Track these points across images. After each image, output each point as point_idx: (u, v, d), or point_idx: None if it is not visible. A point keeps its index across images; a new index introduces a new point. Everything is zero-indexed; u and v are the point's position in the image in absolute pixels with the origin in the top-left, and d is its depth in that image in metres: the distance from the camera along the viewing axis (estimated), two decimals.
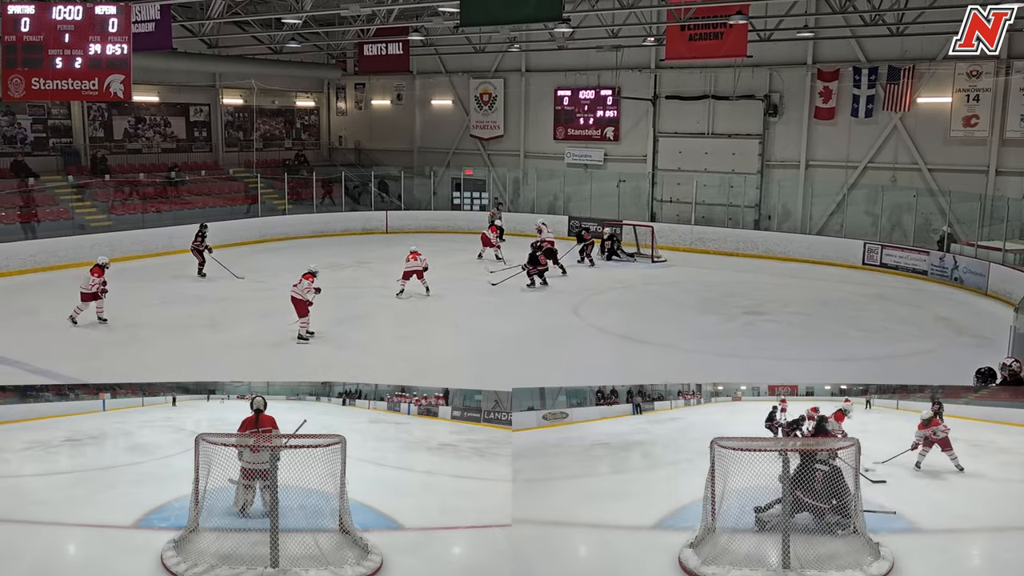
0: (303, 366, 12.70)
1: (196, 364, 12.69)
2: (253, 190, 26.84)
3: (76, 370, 12.27)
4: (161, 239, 22.73)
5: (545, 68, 27.61)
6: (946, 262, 19.65)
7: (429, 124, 30.88)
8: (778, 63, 23.49)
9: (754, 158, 24.39)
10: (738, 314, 16.18)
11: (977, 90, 20.76)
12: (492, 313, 16.22)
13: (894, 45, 21.65)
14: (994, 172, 20.96)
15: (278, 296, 17.59)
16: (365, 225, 27.09)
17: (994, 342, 13.03)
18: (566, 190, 27.43)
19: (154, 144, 27.72)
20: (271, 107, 31.03)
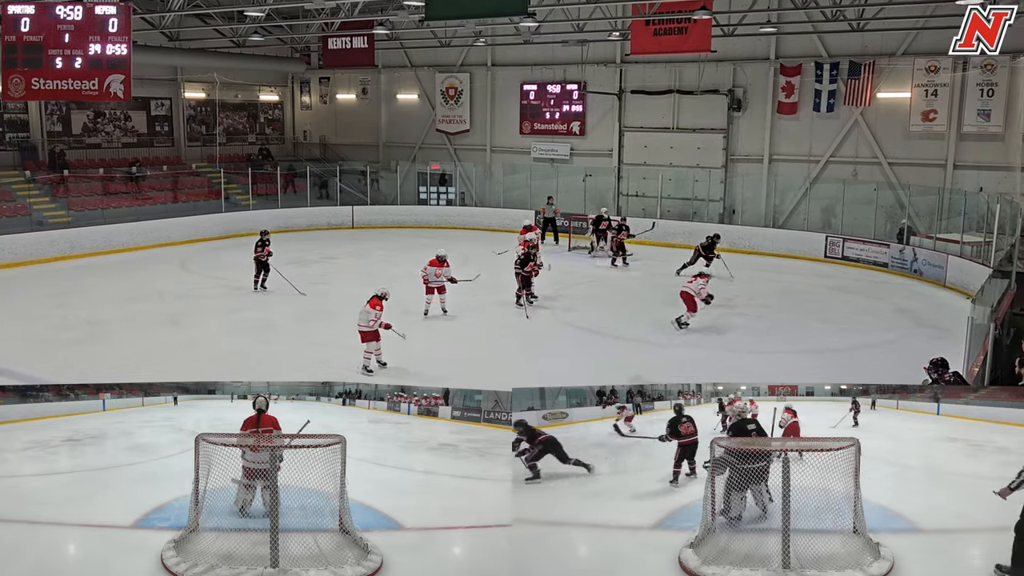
0: (266, 364, 12.57)
1: (158, 362, 12.52)
2: (217, 185, 26.50)
3: (36, 370, 12.04)
4: (122, 235, 22.38)
5: (511, 63, 27.59)
6: (906, 254, 19.99)
7: (395, 119, 30.71)
8: (741, 58, 23.71)
9: (718, 152, 24.60)
10: (707, 308, 16.28)
11: (935, 85, 21.13)
12: (461, 309, 16.17)
13: (855, 40, 21.96)
14: (952, 166, 21.37)
15: (241, 293, 17.48)
16: (331, 220, 26.89)
17: (952, 333, 13.30)
18: (532, 184, 27.43)
19: (114, 139, 27.26)
20: (234, 101, 30.65)
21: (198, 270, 19.91)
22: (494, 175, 28.28)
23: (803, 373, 12.14)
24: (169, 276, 18.99)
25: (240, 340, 13.84)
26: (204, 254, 21.97)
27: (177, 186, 26.82)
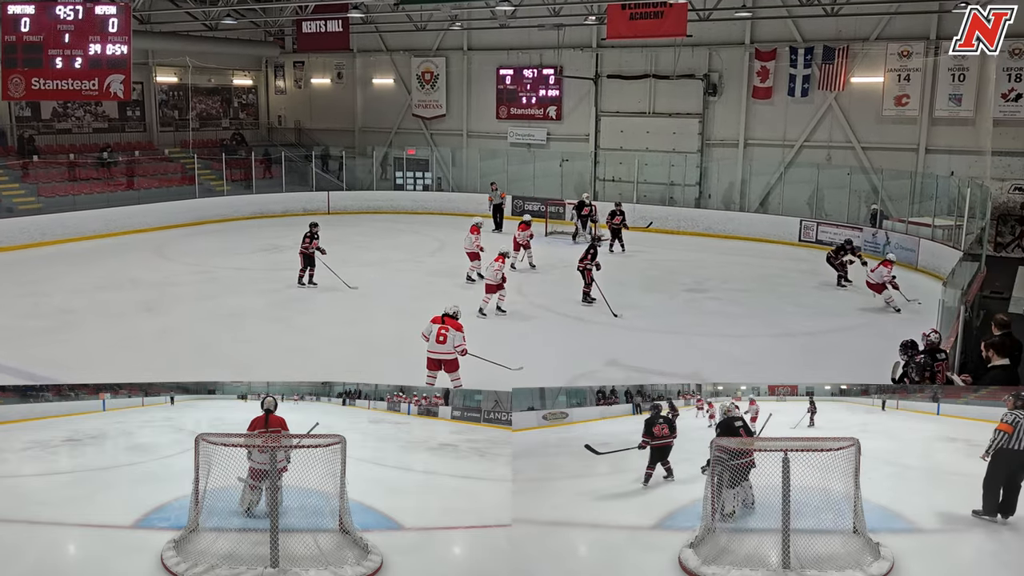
0: (244, 351, 12.51)
1: (132, 350, 12.42)
2: (190, 171, 26.21)
3: (7, 359, 11.91)
4: (94, 222, 22.11)
5: (487, 47, 27.46)
6: (878, 238, 20.20)
7: (370, 103, 30.50)
8: (717, 43, 23.75)
9: (694, 137, 24.68)
10: (680, 292, 16.43)
11: (908, 70, 21.31)
12: (437, 295, 16.15)
13: (829, 25, 22.07)
14: (924, 150, 21.58)
15: (216, 279, 17.35)
16: (306, 206, 26.68)
17: (923, 315, 13.49)
18: (509, 170, 27.39)
19: (84, 124, 26.86)
20: (207, 85, 30.28)
21: (173, 257, 19.72)
22: (470, 160, 28.20)
23: (776, 356, 12.28)
24: (143, 263, 18.79)
25: (216, 328, 13.74)
26: (178, 240, 21.77)
27: (150, 172, 26.49)
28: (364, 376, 11.15)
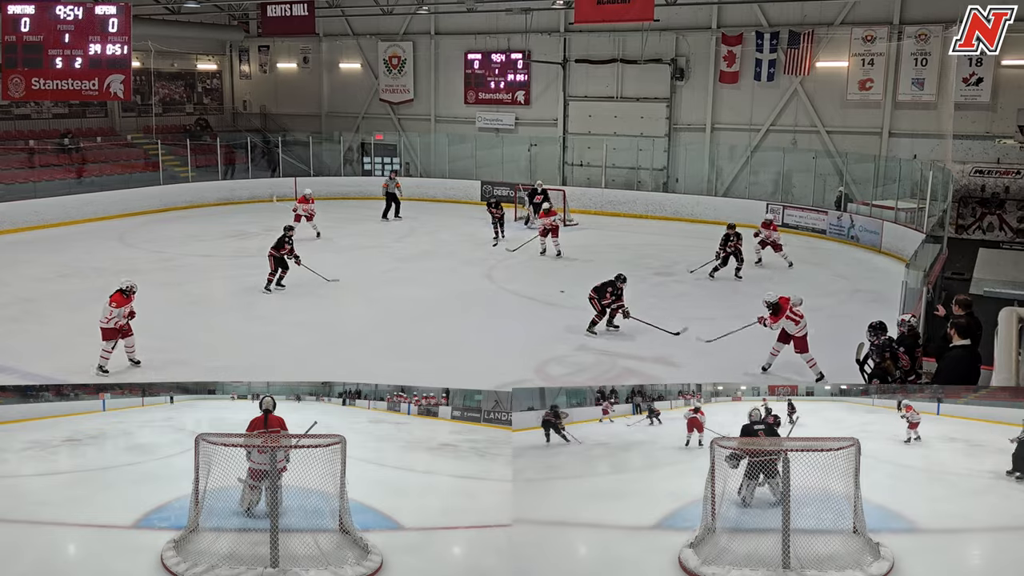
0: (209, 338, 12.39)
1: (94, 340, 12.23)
2: (153, 157, 25.81)
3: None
4: (55, 209, 21.69)
5: (455, 31, 27.30)
6: (843, 221, 20.46)
7: (337, 88, 30.21)
8: (684, 27, 23.82)
9: (662, 121, 24.77)
10: (648, 275, 16.52)
11: (872, 54, 21.52)
12: (404, 280, 16.13)
13: (795, 10, 22.23)
14: (887, 134, 21.86)
15: (181, 266, 17.14)
16: (274, 192, 26.41)
17: (888, 297, 13.69)
18: (477, 155, 27.32)
19: (44, 109, 26.28)
20: (170, 70, 29.80)
21: (136, 244, 19.45)
22: (439, 145, 28.07)
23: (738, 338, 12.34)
24: (105, 251, 18.50)
25: (181, 315, 13.58)
26: (142, 228, 21.46)
27: (112, 158, 26.04)
28: (332, 363, 11.12)
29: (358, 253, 18.65)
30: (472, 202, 25.71)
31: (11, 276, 15.97)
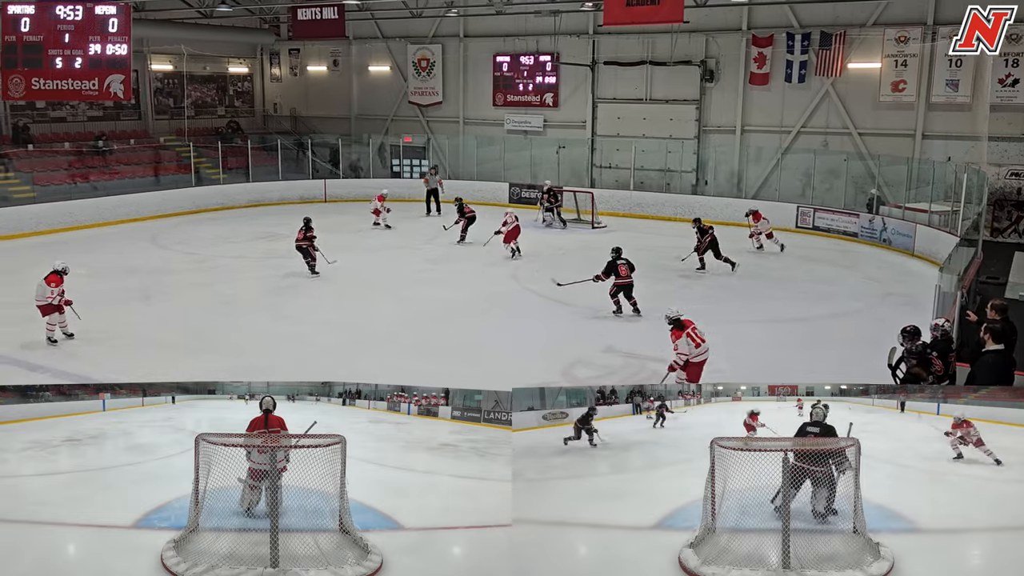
0: (239, 338, 12.51)
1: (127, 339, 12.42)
2: (186, 159, 26.14)
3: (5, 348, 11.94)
4: (89, 211, 22.06)
5: (483, 34, 27.35)
6: (875, 224, 20.20)
7: (366, 91, 30.40)
8: (714, 29, 23.66)
9: (691, 123, 24.62)
10: (673, 277, 16.44)
11: (905, 55, 21.23)
12: (431, 281, 16.18)
13: (826, 11, 21.99)
14: (920, 136, 21.54)
15: (212, 267, 17.34)
16: (303, 194, 26.66)
17: (921, 301, 13.47)
18: (506, 157, 27.35)
19: (79, 112, 26.74)
20: (203, 73, 30.16)
21: (168, 245, 19.70)
22: (467, 147, 28.13)
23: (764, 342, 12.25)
24: (139, 252, 18.77)
25: (211, 315, 13.74)
26: (174, 229, 21.74)
27: (145, 160, 26.40)
28: (360, 364, 11.18)
29: (389, 253, 18.74)
30: (500, 204, 25.71)
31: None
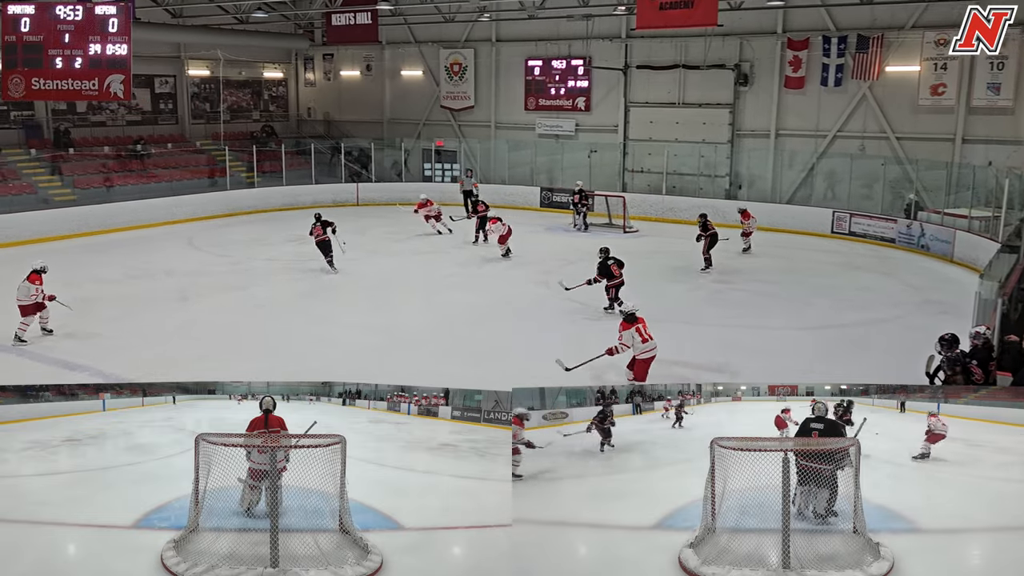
0: (271, 340, 12.61)
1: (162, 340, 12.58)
2: (221, 162, 26.46)
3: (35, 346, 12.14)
4: (128, 213, 22.42)
5: (515, 38, 27.35)
6: (913, 230, 19.86)
7: (399, 95, 30.55)
8: (748, 32, 23.44)
9: (725, 128, 24.40)
10: (707, 283, 16.29)
11: (944, 59, 20.84)
12: (460, 285, 16.20)
13: (863, 14, 21.69)
14: (960, 140, 21.13)
15: (246, 269, 17.51)
16: (335, 197, 26.84)
17: (960, 308, 13.20)
18: (537, 161, 27.32)
19: (118, 116, 27.19)
20: (238, 78, 30.52)
21: (204, 247, 19.94)
22: (498, 151, 28.14)
23: (804, 349, 12.10)
24: (175, 254, 19.02)
25: (245, 317, 13.89)
26: (209, 231, 22.01)
27: (181, 164, 26.78)
28: (389, 365, 11.20)
29: (419, 257, 18.79)
30: (531, 208, 25.73)
31: (84, 277, 16.48)
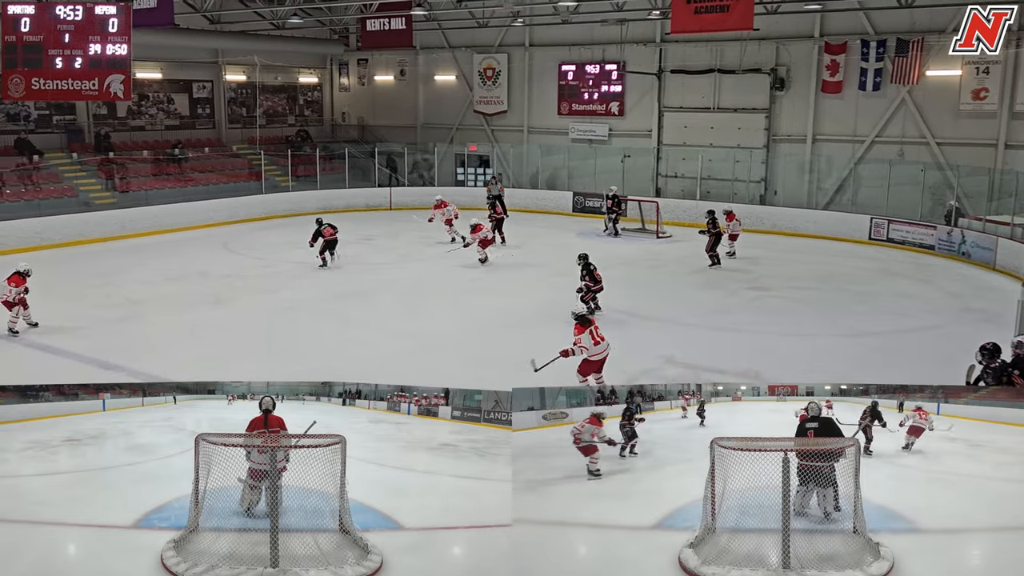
0: (303, 342, 12.70)
1: (197, 341, 12.73)
2: (257, 167, 26.77)
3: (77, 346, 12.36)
4: (166, 216, 22.78)
5: (549, 43, 27.36)
6: (954, 237, 19.49)
7: (432, 100, 30.70)
8: (785, 36, 23.21)
9: (760, 132, 24.17)
10: (741, 289, 16.11)
11: (987, 63, 20.44)
12: (493, 290, 16.19)
13: (903, 17, 21.36)
14: (1003, 145, 20.72)
15: (280, 272, 17.68)
16: (369, 201, 27.04)
17: (1002, 317, 12.94)
18: (570, 165, 27.27)
19: (157, 121, 27.64)
20: (274, 83, 30.88)
21: (239, 250, 20.17)
22: (531, 156, 28.14)
23: (839, 356, 11.91)
24: (211, 257, 19.26)
25: (277, 320, 14.00)
26: (245, 235, 22.26)
27: (218, 168, 27.14)
28: (419, 369, 11.21)
29: (446, 260, 18.81)
30: (564, 213, 25.68)
31: (123, 279, 16.78)
